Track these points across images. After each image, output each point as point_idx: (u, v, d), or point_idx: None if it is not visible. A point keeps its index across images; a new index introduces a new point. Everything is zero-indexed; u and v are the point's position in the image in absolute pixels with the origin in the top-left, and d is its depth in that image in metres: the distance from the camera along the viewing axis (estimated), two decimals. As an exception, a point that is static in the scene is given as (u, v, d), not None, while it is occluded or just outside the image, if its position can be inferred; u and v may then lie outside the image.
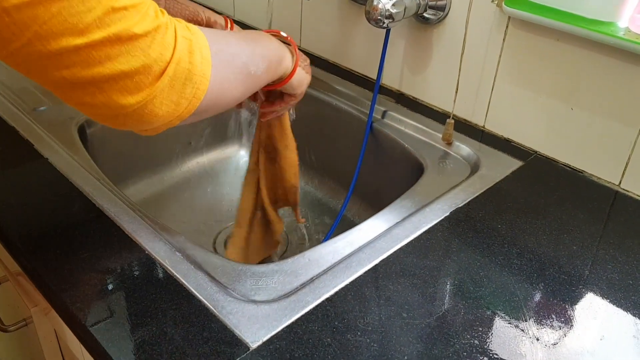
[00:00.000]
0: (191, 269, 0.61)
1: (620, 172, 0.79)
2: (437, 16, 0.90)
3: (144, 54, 0.44)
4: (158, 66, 0.45)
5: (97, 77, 0.43)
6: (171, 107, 0.48)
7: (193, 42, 0.48)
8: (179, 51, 0.47)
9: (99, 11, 0.41)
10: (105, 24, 0.41)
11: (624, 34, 0.71)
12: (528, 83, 0.84)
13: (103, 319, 0.55)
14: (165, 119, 0.48)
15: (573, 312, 0.60)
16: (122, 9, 0.42)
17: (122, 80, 0.44)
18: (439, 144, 0.89)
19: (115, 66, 0.43)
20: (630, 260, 0.67)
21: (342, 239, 0.68)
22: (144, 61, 0.44)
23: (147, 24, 0.44)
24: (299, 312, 0.57)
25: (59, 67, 0.42)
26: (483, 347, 0.55)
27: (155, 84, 0.45)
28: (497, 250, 0.67)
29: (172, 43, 0.46)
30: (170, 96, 0.47)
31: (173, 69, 0.46)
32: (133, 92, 0.45)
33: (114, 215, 0.68)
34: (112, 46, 0.42)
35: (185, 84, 0.48)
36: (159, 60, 0.45)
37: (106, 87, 0.44)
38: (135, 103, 0.45)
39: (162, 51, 0.45)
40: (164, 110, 0.47)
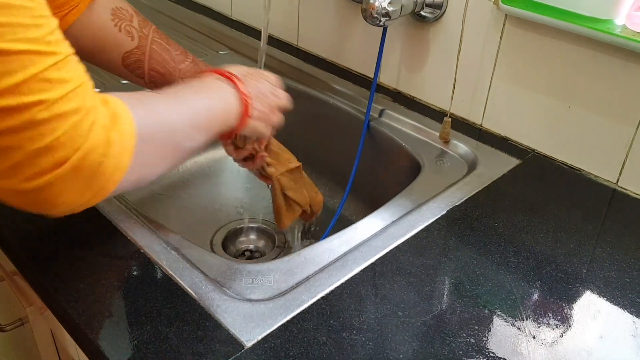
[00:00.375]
0: (186, 267, 0.61)
1: (617, 170, 0.79)
2: (434, 14, 0.89)
3: (53, 135, 0.40)
4: (64, 153, 0.41)
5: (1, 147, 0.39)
6: (74, 197, 0.43)
7: (114, 130, 0.44)
8: (92, 141, 0.42)
9: (19, 77, 0.38)
10: (22, 93, 0.38)
11: (621, 32, 0.70)
12: (525, 81, 0.84)
13: (97, 318, 0.55)
14: (68, 206, 0.44)
15: (570, 310, 0.60)
16: (46, 81, 0.39)
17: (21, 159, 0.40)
18: (436, 142, 0.89)
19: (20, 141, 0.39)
20: (627, 258, 0.67)
21: (338, 238, 0.67)
22: (50, 143, 0.40)
23: (68, 105, 0.40)
24: (294, 311, 0.56)
25: None
26: (479, 346, 0.54)
27: (58, 171, 0.41)
28: (493, 248, 0.67)
29: (86, 132, 0.41)
30: (73, 187, 0.42)
31: (78, 160, 0.41)
32: (30, 174, 0.40)
33: (109, 214, 0.68)
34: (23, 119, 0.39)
35: (94, 176, 0.43)
36: (68, 147, 0.41)
37: (2, 162, 0.40)
38: (30, 187, 0.41)
39: (73, 137, 0.41)
40: (64, 199, 0.43)
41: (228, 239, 0.99)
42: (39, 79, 0.39)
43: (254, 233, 1.01)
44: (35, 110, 0.39)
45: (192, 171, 1.08)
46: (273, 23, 1.20)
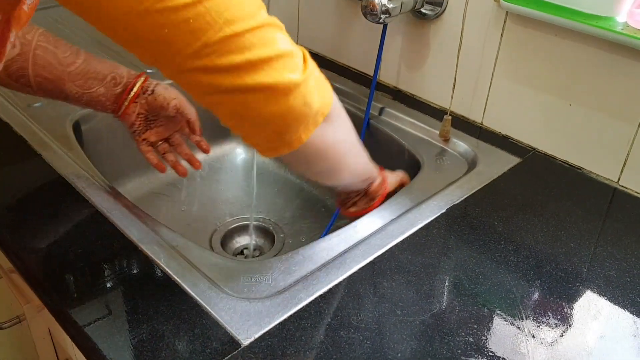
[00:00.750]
0: (184, 265, 0.61)
1: (618, 168, 0.79)
2: (435, 11, 0.89)
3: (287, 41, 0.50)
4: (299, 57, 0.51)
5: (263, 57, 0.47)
6: (318, 102, 0.52)
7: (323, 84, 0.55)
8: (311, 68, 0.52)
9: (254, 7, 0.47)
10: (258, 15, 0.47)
11: (622, 29, 0.70)
12: (526, 79, 0.84)
13: (94, 315, 0.55)
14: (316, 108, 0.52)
15: (570, 309, 0.59)
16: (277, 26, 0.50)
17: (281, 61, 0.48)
18: (436, 140, 0.88)
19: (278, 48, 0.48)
20: (628, 258, 0.66)
21: (337, 236, 0.67)
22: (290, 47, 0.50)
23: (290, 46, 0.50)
24: (292, 309, 0.56)
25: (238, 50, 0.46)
26: (478, 345, 0.54)
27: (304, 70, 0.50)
28: (493, 247, 0.67)
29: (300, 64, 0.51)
30: (316, 91, 0.51)
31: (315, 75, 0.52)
32: (294, 70, 0.49)
33: (107, 212, 0.68)
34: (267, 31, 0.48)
35: (320, 87, 0.53)
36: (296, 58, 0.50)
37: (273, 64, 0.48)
38: (295, 79, 0.49)
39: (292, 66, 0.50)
40: (315, 101, 0.51)
41: (227, 237, 0.99)
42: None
43: (253, 231, 1.01)
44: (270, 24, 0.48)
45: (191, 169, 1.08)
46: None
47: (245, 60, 0.46)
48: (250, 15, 0.46)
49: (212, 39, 0.44)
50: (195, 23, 0.43)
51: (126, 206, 0.69)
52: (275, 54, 0.47)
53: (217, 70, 0.46)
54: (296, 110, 0.50)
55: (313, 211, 1.03)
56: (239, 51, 0.46)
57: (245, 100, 0.48)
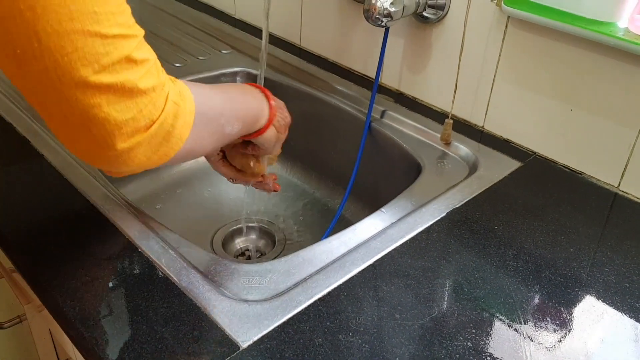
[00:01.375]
0: (183, 267, 0.61)
1: (619, 173, 0.79)
2: (437, 15, 0.89)
3: (138, 108, 0.46)
4: (144, 123, 0.47)
5: (92, 118, 0.44)
6: (143, 160, 0.50)
7: (180, 108, 0.51)
8: (165, 114, 0.49)
9: (114, 57, 0.43)
10: (116, 71, 0.44)
11: (623, 35, 0.70)
12: (527, 83, 0.84)
13: (93, 316, 0.55)
14: (137, 167, 0.50)
15: (569, 314, 0.59)
16: (132, 61, 0.45)
17: (111, 128, 0.46)
18: (437, 144, 0.88)
19: (111, 113, 0.45)
20: (627, 263, 0.66)
21: (337, 239, 0.67)
22: (135, 115, 0.46)
23: (148, 81, 0.46)
24: (290, 312, 0.56)
25: (61, 99, 0.43)
26: (476, 349, 0.54)
27: (136, 137, 0.47)
28: (493, 251, 0.67)
29: (162, 105, 0.48)
30: (145, 151, 0.49)
31: (155, 129, 0.48)
32: (117, 140, 0.46)
33: (107, 212, 0.68)
34: (115, 94, 0.44)
35: (162, 143, 0.50)
36: (147, 118, 0.47)
37: (95, 130, 0.45)
38: (115, 151, 0.47)
39: (152, 110, 0.47)
40: (137, 161, 0.49)
41: (228, 238, 0.99)
42: (128, 59, 0.44)
43: (255, 233, 1.01)
44: (125, 87, 0.44)
45: (192, 170, 1.08)
46: (275, 23, 1.19)
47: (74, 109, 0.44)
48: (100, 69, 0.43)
49: None
50: None
51: (127, 207, 0.69)
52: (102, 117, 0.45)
53: None
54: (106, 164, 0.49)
55: (314, 214, 1.04)
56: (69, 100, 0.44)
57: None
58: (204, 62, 1.11)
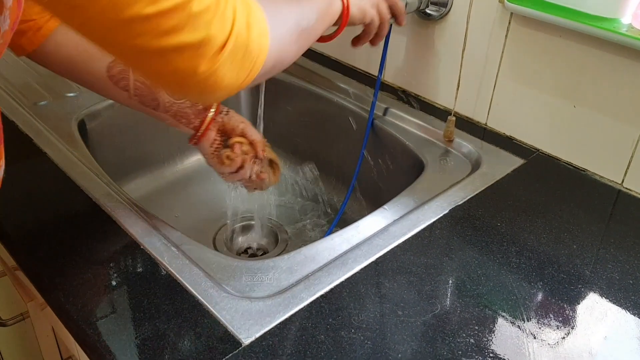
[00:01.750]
0: (186, 264, 0.61)
1: (622, 170, 0.78)
2: (439, 12, 0.89)
3: (206, 26, 0.45)
4: (219, 39, 0.46)
5: (165, 46, 0.44)
6: (232, 78, 0.49)
7: (251, 16, 0.49)
8: (238, 26, 0.47)
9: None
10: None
11: (627, 31, 0.70)
12: (530, 80, 0.83)
13: (96, 313, 0.55)
14: (228, 89, 0.50)
15: (572, 311, 0.59)
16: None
17: (186, 52, 0.45)
18: (440, 141, 0.88)
19: (181, 37, 0.44)
20: (631, 260, 0.66)
21: (339, 236, 0.67)
22: (206, 34, 0.45)
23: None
24: (293, 309, 0.56)
25: (130, 35, 0.43)
26: (479, 346, 0.54)
27: (217, 56, 0.46)
28: (495, 248, 0.67)
29: (231, 18, 0.47)
30: (231, 68, 0.48)
31: (232, 43, 0.47)
32: (197, 63, 0.46)
33: (110, 210, 0.68)
34: (179, 17, 0.43)
35: (245, 57, 0.49)
36: (220, 34, 0.46)
37: (172, 57, 0.45)
38: (200, 74, 0.46)
39: (222, 25, 0.46)
40: (226, 82, 0.48)
41: (231, 236, 0.99)
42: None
43: (257, 230, 1.01)
44: (186, 9, 0.43)
45: (195, 168, 1.08)
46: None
47: (144, 45, 0.44)
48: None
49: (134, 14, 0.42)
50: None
51: (130, 204, 0.69)
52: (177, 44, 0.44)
53: None
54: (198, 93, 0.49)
55: (317, 211, 1.04)
56: (137, 35, 0.43)
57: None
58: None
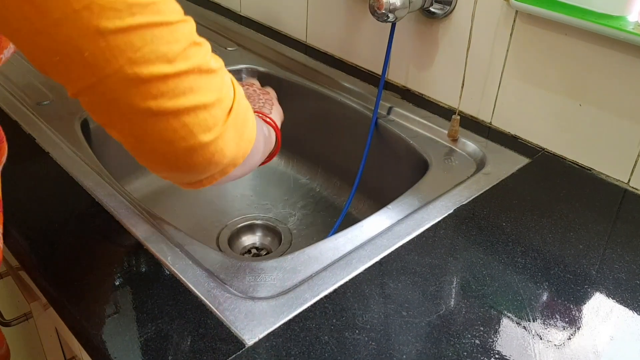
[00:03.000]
0: (189, 264, 0.61)
1: (629, 169, 0.78)
2: (444, 10, 0.88)
3: (219, 87, 0.45)
4: (228, 102, 0.46)
5: (181, 108, 0.43)
6: (234, 148, 0.48)
7: (238, 91, 0.49)
8: (237, 93, 0.48)
9: (184, 43, 0.42)
10: (189, 56, 0.42)
11: (633, 29, 0.69)
12: (535, 79, 0.83)
13: (99, 314, 0.55)
14: (228, 161, 0.48)
15: (578, 312, 0.58)
16: (198, 44, 0.44)
17: (201, 113, 0.44)
18: (444, 140, 0.88)
19: (197, 98, 0.43)
20: (637, 260, 0.65)
21: (343, 236, 0.67)
22: (219, 95, 0.45)
23: (216, 62, 0.46)
24: (296, 309, 0.56)
25: (146, 96, 0.41)
26: (484, 347, 0.54)
27: (226, 120, 0.46)
28: (501, 248, 0.66)
29: (230, 83, 0.48)
30: (234, 135, 0.47)
31: (236, 108, 0.47)
32: (210, 126, 0.45)
33: (113, 210, 0.68)
34: (195, 77, 0.43)
35: (244, 124, 0.49)
36: (228, 96, 0.46)
37: (188, 120, 0.43)
38: (211, 138, 0.45)
39: (228, 88, 0.47)
40: (229, 150, 0.47)
41: (235, 236, 0.99)
42: (194, 43, 0.43)
43: (261, 230, 1.01)
44: (202, 69, 0.43)
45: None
46: (282, 19, 1.19)
47: (160, 108, 0.42)
48: (175, 57, 0.41)
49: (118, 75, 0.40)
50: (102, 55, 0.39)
51: (133, 204, 0.69)
52: (193, 105, 0.43)
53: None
54: (201, 165, 0.46)
55: (321, 211, 1.03)
56: (154, 97, 0.42)
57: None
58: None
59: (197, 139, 0.44)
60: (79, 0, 0.37)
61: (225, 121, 0.46)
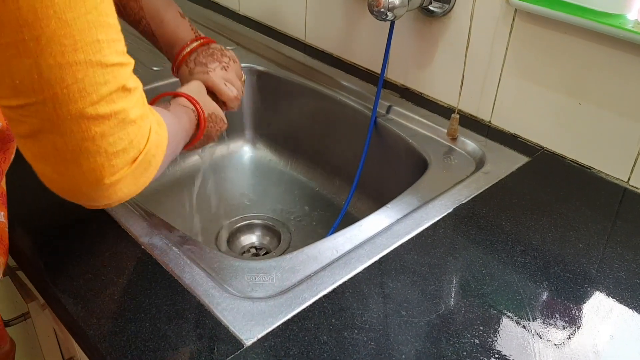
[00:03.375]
0: (187, 264, 0.60)
1: (629, 168, 0.77)
2: (443, 9, 0.88)
3: (129, 139, 0.45)
4: (133, 154, 0.46)
5: (84, 150, 0.43)
6: (125, 192, 0.48)
7: (160, 137, 0.50)
8: (150, 143, 0.48)
9: (112, 86, 0.42)
10: (112, 101, 0.42)
11: (633, 27, 0.69)
12: (535, 77, 0.82)
13: (96, 314, 0.55)
14: (115, 201, 0.49)
15: (578, 311, 0.58)
16: (127, 90, 0.44)
17: (102, 160, 0.44)
18: (443, 139, 0.88)
19: (103, 145, 0.43)
20: (637, 259, 0.65)
21: (342, 235, 0.66)
22: (125, 146, 0.45)
23: (138, 110, 0.45)
24: (295, 309, 0.56)
25: (54, 131, 0.42)
26: (484, 347, 0.53)
27: (126, 170, 0.46)
28: (500, 247, 0.66)
29: (147, 134, 0.47)
30: (129, 183, 0.47)
31: (140, 159, 0.47)
32: (106, 174, 0.45)
33: (111, 210, 0.68)
34: (109, 125, 0.43)
35: (143, 173, 0.48)
36: (136, 148, 0.46)
37: (86, 164, 0.43)
38: (102, 185, 0.45)
39: (140, 140, 0.46)
40: (119, 195, 0.48)
41: (233, 235, 0.99)
42: (124, 88, 0.43)
43: (260, 230, 1.01)
44: (119, 117, 0.43)
45: (197, 167, 1.08)
46: (281, 18, 1.19)
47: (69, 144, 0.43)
48: (99, 99, 0.42)
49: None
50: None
51: (131, 205, 0.69)
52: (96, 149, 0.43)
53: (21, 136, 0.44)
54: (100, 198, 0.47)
55: (320, 210, 1.03)
56: (65, 133, 0.42)
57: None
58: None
59: (91, 180, 0.45)
60: (30, 31, 0.38)
61: (125, 169, 0.46)
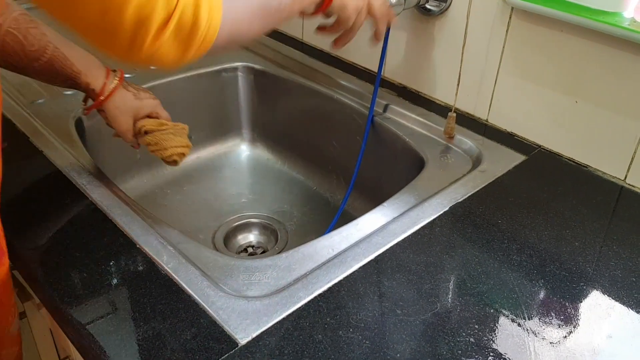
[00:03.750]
0: (183, 263, 0.60)
1: (625, 166, 0.77)
2: (439, 7, 0.88)
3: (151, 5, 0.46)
4: (161, 18, 0.46)
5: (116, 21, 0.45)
6: (178, 54, 0.49)
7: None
8: (182, 4, 0.47)
9: None
10: None
11: (629, 25, 0.69)
12: (532, 75, 0.82)
13: (91, 314, 0.55)
14: (175, 63, 0.50)
15: (574, 309, 0.58)
16: None
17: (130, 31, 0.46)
18: (440, 138, 0.87)
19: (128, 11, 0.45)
20: (634, 257, 0.65)
21: (338, 234, 0.66)
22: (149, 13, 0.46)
23: None
24: (290, 308, 0.56)
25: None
26: (479, 345, 0.53)
27: (159, 37, 0.47)
28: (496, 246, 0.66)
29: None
30: (175, 45, 0.48)
31: (175, 23, 0.47)
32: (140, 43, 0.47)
33: (107, 209, 0.67)
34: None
35: (191, 34, 0.49)
36: (163, 12, 0.46)
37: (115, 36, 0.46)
38: (142, 54, 0.47)
39: (166, 3, 0.46)
40: (171, 58, 0.49)
41: (230, 234, 0.99)
42: None
43: (257, 229, 1.00)
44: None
45: (194, 166, 1.08)
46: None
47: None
48: None
49: None
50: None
51: (127, 203, 0.68)
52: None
53: None
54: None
55: (317, 209, 1.03)
56: None
57: None
58: (204, 57, 1.10)
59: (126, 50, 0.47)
60: None
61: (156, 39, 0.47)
